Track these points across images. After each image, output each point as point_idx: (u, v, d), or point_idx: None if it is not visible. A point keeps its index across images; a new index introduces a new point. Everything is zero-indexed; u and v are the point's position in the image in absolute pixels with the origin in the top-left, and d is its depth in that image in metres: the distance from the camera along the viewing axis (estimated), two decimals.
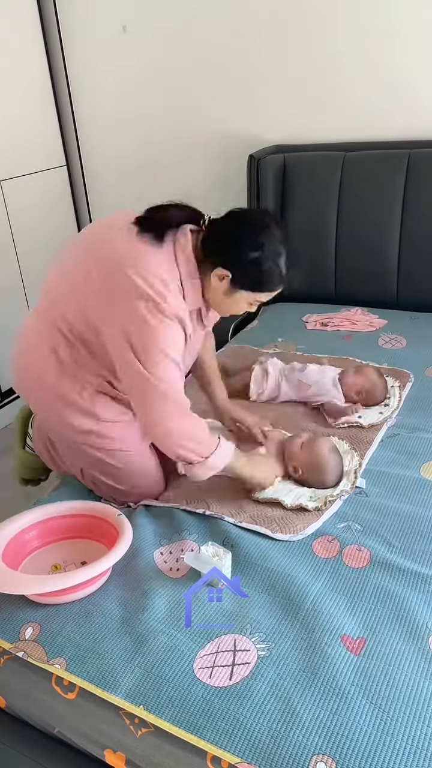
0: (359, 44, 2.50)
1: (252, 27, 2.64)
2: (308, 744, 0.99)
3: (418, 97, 2.50)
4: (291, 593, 1.26)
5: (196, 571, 1.30)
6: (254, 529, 1.44)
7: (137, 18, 2.84)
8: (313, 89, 2.65)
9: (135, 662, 1.14)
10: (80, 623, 1.23)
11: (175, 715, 1.05)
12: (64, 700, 1.12)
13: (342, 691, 1.06)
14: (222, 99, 2.83)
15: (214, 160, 2.97)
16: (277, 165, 2.66)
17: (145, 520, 1.51)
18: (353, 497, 1.55)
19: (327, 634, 1.17)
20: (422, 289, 2.57)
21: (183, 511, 1.53)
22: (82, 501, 1.54)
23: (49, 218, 3.17)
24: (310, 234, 2.68)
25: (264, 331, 2.57)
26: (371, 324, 2.51)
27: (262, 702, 1.05)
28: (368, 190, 2.54)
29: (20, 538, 1.40)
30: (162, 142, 3.05)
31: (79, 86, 3.13)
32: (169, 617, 1.23)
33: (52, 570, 1.38)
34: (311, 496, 1.54)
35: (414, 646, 1.14)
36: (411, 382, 2.05)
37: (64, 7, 2.97)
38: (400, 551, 1.36)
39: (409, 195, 2.48)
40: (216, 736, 1.01)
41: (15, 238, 3.03)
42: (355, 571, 1.32)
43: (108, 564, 1.27)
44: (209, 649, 1.15)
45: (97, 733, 1.08)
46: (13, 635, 1.23)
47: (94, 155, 3.27)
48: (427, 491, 1.55)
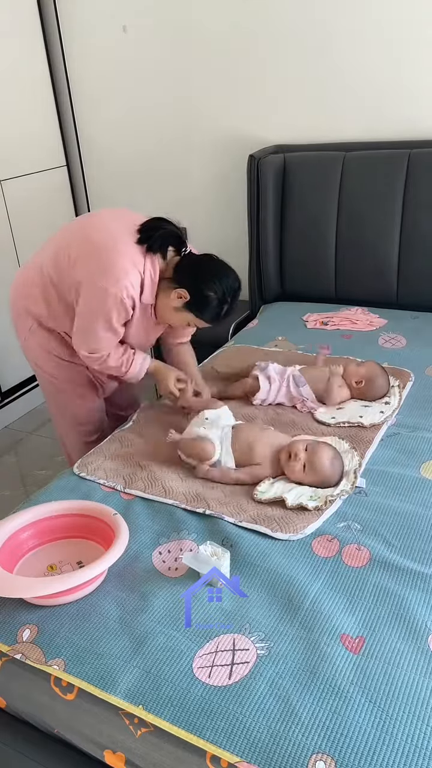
0: (359, 44, 2.50)
1: (252, 27, 2.65)
2: (307, 743, 0.98)
3: (418, 97, 2.50)
4: (290, 593, 1.26)
5: (194, 570, 1.30)
6: (255, 528, 1.44)
7: (137, 18, 2.84)
8: (313, 89, 2.65)
9: (134, 662, 1.14)
10: (78, 624, 1.23)
11: (174, 714, 1.05)
12: (64, 701, 1.12)
13: (341, 690, 1.06)
14: (222, 99, 2.84)
15: (214, 160, 2.97)
16: (277, 165, 2.66)
17: (143, 519, 1.51)
18: (353, 497, 1.55)
19: (326, 633, 1.17)
20: (422, 288, 2.58)
21: (182, 510, 1.53)
22: (78, 501, 1.55)
23: (49, 218, 3.17)
24: (310, 234, 2.69)
25: (264, 330, 2.57)
26: (371, 323, 2.51)
27: (262, 701, 1.05)
28: (368, 190, 2.54)
29: (15, 538, 1.40)
30: (162, 142, 3.05)
31: (79, 86, 3.13)
32: (168, 617, 1.22)
33: (48, 570, 1.38)
34: (311, 496, 1.54)
35: (413, 645, 1.14)
36: (411, 381, 2.05)
37: (64, 7, 2.97)
38: (400, 551, 1.36)
39: (409, 195, 2.48)
40: (215, 735, 1.01)
41: (15, 238, 3.04)
42: (355, 570, 1.32)
43: (105, 565, 1.27)
44: (208, 649, 1.15)
45: (97, 733, 1.08)
46: (11, 637, 1.22)
47: (94, 155, 3.27)
48: (427, 490, 1.55)
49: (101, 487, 1.64)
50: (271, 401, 1.99)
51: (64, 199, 3.32)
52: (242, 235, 2.84)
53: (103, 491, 1.63)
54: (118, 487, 1.64)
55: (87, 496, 1.60)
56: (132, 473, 1.68)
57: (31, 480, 2.72)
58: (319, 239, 2.68)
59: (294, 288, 2.85)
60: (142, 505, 1.57)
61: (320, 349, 2.28)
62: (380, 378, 1.96)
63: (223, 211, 3.01)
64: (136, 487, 1.62)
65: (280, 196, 2.72)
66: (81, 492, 1.63)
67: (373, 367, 1.99)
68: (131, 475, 1.67)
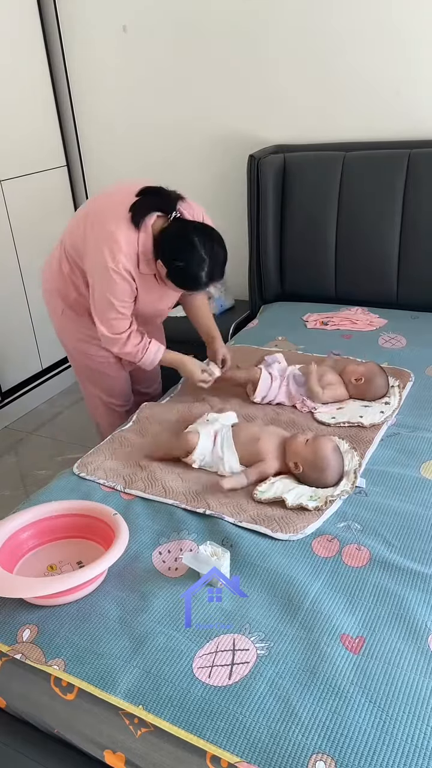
0: (359, 44, 2.50)
1: (252, 27, 2.65)
2: (307, 743, 0.98)
3: (418, 97, 2.50)
4: (290, 593, 1.26)
5: (194, 570, 1.30)
6: (255, 528, 1.44)
7: (137, 18, 2.84)
8: (313, 89, 2.65)
9: (134, 662, 1.14)
10: (78, 624, 1.23)
11: (174, 714, 1.05)
12: (64, 701, 1.12)
13: (341, 690, 1.06)
14: (222, 99, 2.83)
15: (214, 160, 2.97)
16: (277, 165, 2.66)
17: (143, 519, 1.51)
18: (353, 496, 1.55)
19: (326, 633, 1.17)
20: (422, 288, 2.58)
21: (182, 510, 1.53)
22: (78, 501, 1.55)
23: (49, 218, 3.18)
24: (311, 234, 2.68)
25: (264, 330, 2.57)
26: (371, 323, 2.51)
27: (262, 701, 1.05)
28: (368, 190, 2.54)
29: (15, 538, 1.40)
30: (162, 142, 3.05)
31: (79, 86, 3.13)
32: (168, 617, 1.22)
33: (48, 570, 1.38)
34: (312, 496, 1.54)
35: (413, 645, 1.14)
36: (411, 381, 2.05)
37: (64, 7, 2.97)
38: (400, 550, 1.36)
39: (409, 195, 2.48)
40: (215, 735, 1.01)
41: (15, 238, 3.04)
42: (355, 570, 1.32)
43: (105, 565, 1.27)
44: (208, 649, 1.15)
45: (97, 733, 1.08)
46: (11, 638, 1.22)
47: (94, 155, 3.27)
48: (427, 490, 1.55)
49: (101, 487, 1.64)
50: (272, 398, 1.99)
51: (64, 199, 3.32)
52: (242, 235, 2.84)
53: (103, 491, 1.63)
54: (118, 487, 1.64)
55: (87, 496, 1.60)
56: (132, 473, 1.68)
57: (31, 480, 2.72)
58: (319, 239, 2.67)
59: (294, 288, 2.85)
60: (142, 505, 1.57)
61: (331, 354, 2.28)
62: (379, 377, 1.96)
63: (223, 211, 3.00)
64: (136, 487, 1.62)
65: (280, 196, 2.72)
66: (81, 492, 1.63)
67: (372, 366, 2.00)
68: (131, 475, 1.67)
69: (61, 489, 1.65)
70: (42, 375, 3.35)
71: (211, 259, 1.74)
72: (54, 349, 3.36)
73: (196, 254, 1.72)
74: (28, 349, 3.25)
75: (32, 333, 3.24)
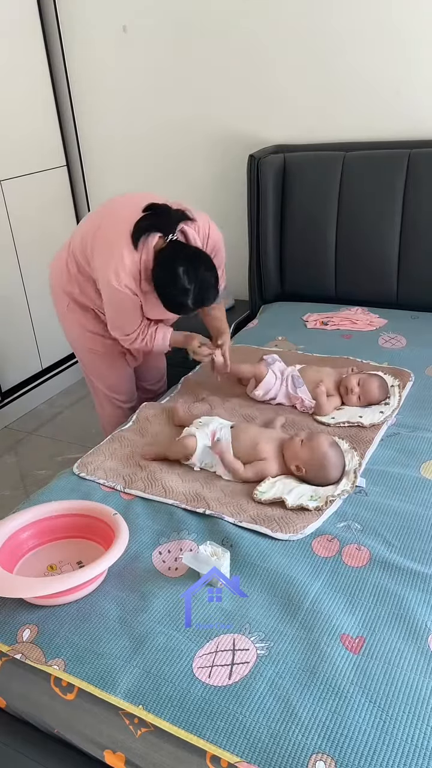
0: (360, 44, 2.50)
1: (252, 27, 2.65)
2: (307, 743, 0.98)
3: (418, 97, 2.50)
4: (290, 593, 1.26)
5: (194, 570, 1.30)
6: (255, 528, 1.44)
7: (137, 18, 2.84)
8: (313, 89, 2.65)
9: (134, 662, 1.14)
10: (78, 624, 1.23)
11: (174, 714, 1.05)
12: (64, 701, 1.12)
13: (341, 690, 1.06)
14: (222, 99, 2.83)
15: (214, 160, 2.97)
16: (277, 165, 2.66)
17: (143, 519, 1.51)
18: (353, 496, 1.55)
19: (326, 633, 1.17)
20: (422, 288, 2.58)
21: (182, 510, 1.53)
22: (78, 501, 1.55)
23: (49, 218, 3.18)
24: (310, 234, 2.68)
25: (264, 330, 2.57)
26: (371, 323, 2.51)
27: (262, 701, 1.05)
28: (368, 190, 2.54)
29: (15, 538, 1.40)
30: (162, 142, 3.05)
31: (79, 86, 3.13)
32: (168, 617, 1.22)
33: (48, 570, 1.38)
34: (312, 496, 1.54)
35: (413, 645, 1.14)
36: (411, 381, 2.05)
37: (64, 7, 2.97)
38: (400, 550, 1.36)
39: (409, 195, 2.48)
40: (215, 735, 1.01)
41: (15, 238, 3.04)
42: (355, 570, 1.32)
43: (105, 565, 1.27)
44: (208, 649, 1.15)
45: (97, 733, 1.08)
46: (11, 637, 1.22)
47: (94, 155, 3.27)
48: (427, 490, 1.55)
49: (101, 487, 1.64)
50: (272, 396, 1.99)
51: (64, 199, 3.32)
52: (242, 235, 2.84)
53: (103, 491, 1.63)
54: (118, 487, 1.64)
55: (87, 496, 1.60)
56: (132, 473, 1.68)
57: (31, 480, 2.72)
58: (319, 239, 2.67)
59: (294, 288, 2.85)
60: (142, 505, 1.57)
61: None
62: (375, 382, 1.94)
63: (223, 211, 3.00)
64: (136, 487, 1.62)
65: (280, 196, 2.72)
66: (81, 492, 1.63)
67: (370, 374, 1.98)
68: (131, 475, 1.67)
69: (61, 489, 1.65)
70: (42, 375, 3.35)
71: (198, 286, 1.75)
72: (54, 349, 3.36)
73: (179, 284, 1.73)
74: (28, 349, 3.25)
75: (32, 333, 3.24)
